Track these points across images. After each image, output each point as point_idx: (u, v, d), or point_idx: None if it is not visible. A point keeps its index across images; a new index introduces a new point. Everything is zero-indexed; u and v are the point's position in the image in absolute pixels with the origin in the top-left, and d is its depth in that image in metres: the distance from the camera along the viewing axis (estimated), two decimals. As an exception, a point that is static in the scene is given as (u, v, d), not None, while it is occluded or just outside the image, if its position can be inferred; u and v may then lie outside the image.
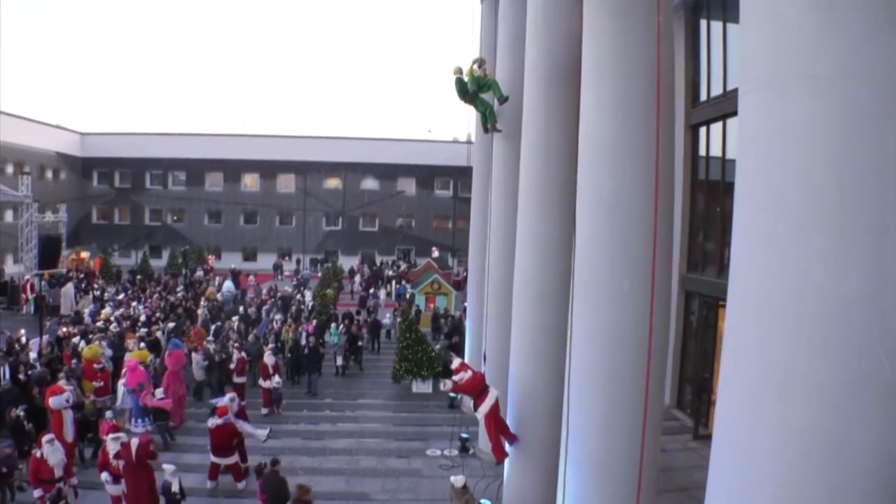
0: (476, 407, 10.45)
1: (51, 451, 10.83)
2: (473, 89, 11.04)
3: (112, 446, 11.05)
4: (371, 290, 33.16)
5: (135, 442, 10.85)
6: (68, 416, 12.22)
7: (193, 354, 17.78)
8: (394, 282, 36.34)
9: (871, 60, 3.16)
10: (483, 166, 15.55)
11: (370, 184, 49.89)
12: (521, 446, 10.38)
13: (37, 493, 10.75)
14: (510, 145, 11.50)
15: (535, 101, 9.33)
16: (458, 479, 9.54)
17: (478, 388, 10.39)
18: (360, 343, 19.69)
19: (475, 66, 11.10)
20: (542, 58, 9.20)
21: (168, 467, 10.68)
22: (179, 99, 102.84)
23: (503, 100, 11.18)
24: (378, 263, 45.23)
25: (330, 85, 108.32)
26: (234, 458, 12.50)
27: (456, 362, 11.53)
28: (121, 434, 11.40)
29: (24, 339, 19.05)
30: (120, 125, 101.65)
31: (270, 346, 19.45)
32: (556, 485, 7.58)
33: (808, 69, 3.33)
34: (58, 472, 10.87)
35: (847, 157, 3.21)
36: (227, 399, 12.97)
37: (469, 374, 10.61)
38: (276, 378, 16.65)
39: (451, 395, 17.46)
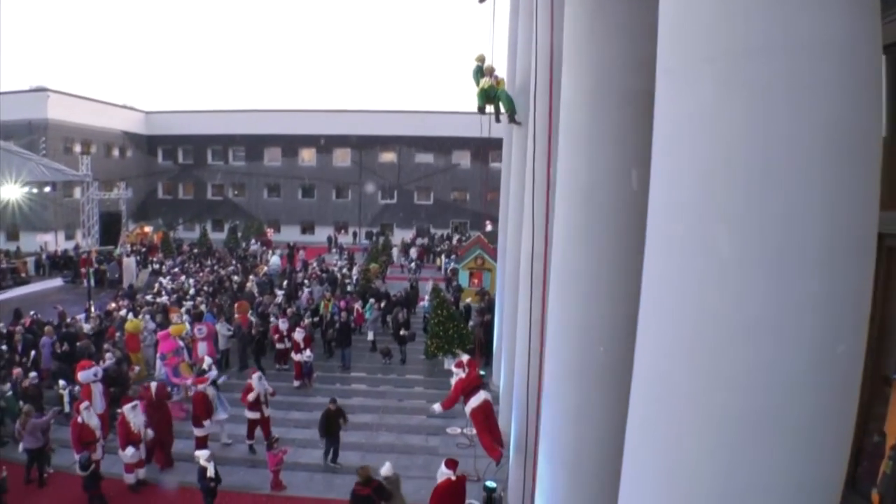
0: (465, 403, 10.48)
1: (88, 417, 11.63)
2: (481, 104, 11.02)
3: (131, 415, 11.69)
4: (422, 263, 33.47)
5: (153, 385, 12.87)
6: (97, 388, 12.77)
7: (218, 325, 18.28)
8: (443, 256, 36.40)
9: (771, 40, 2.83)
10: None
11: (425, 157, 49.96)
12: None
13: (79, 456, 11.41)
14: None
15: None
16: (385, 468, 9.88)
17: (467, 389, 10.38)
18: (402, 332, 19.30)
19: (486, 79, 10.91)
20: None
21: (201, 453, 11.12)
22: (238, 76, 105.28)
23: (512, 114, 10.94)
24: (431, 237, 45.43)
25: (386, 58, 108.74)
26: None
27: (458, 360, 11.50)
28: (136, 402, 12.15)
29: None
30: (182, 103, 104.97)
31: (307, 320, 19.93)
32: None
33: (709, 51, 3.07)
34: (97, 433, 11.77)
35: (754, 157, 2.83)
36: (255, 378, 13.31)
37: (463, 374, 10.63)
38: (307, 352, 17.03)
39: (481, 372, 17.49)
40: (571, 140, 6.62)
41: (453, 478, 9.42)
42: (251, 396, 13.00)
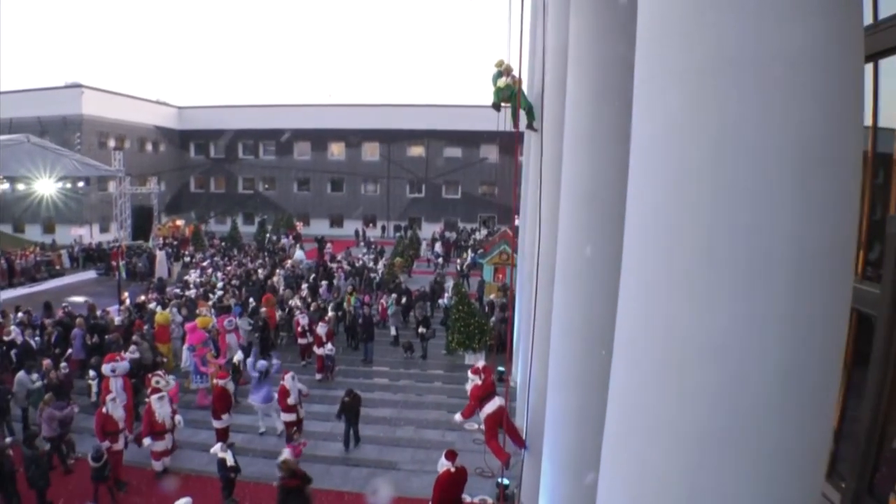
0: (480, 409, 10.51)
1: (113, 408, 11.89)
2: (496, 101, 10.73)
3: (157, 405, 11.98)
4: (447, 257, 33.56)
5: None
6: (116, 383, 13.06)
7: (238, 319, 18.57)
8: (469, 250, 36.41)
9: (742, 52, 2.80)
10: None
11: (453, 151, 50.00)
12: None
13: (105, 444, 11.67)
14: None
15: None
16: (284, 452, 9.95)
17: (482, 395, 10.43)
18: (421, 330, 19.28)
19: (504, 78, 10.62)
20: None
21: (215, 447, 11.40)
22: (269, 71, 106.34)
23: (526, 111, 10.73)
24: (458, 230, 45.52)
25: (414, 52, 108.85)
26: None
27: (474, 366, 11.56)
28: (163, 393, 12.42)
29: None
30: (214, 98, 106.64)
31: (330, 313, 20.17)
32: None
33: (680, 62, 3.07)
34: (121, 425, 12.03)
35: (722, 171, 2.78)
36: (288, 378, 13.44)
37: (479, 380, 10.68)
38: (329, 346, 17.24)
39: (500, 368, 17.53)
40: (576, 141, 6.63)
41: (453, 469, 9.61)
42: (288, 397, 13.03)
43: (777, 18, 2.70)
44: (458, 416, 10.85)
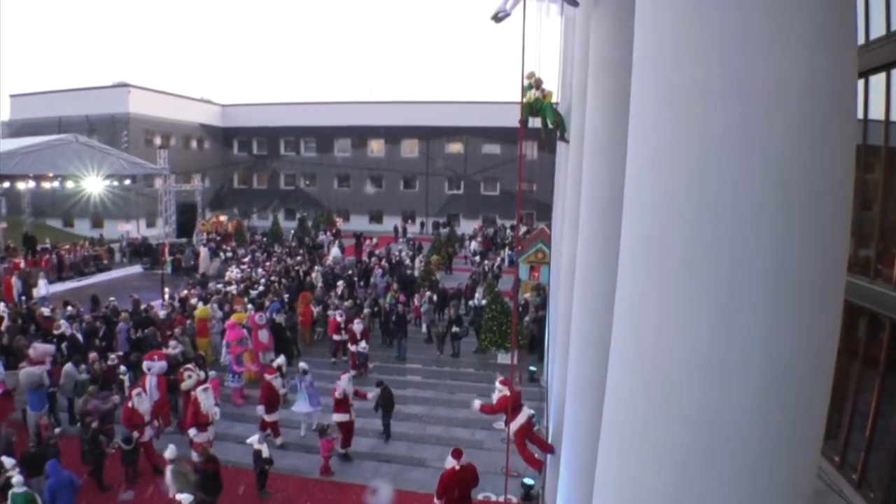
0: (507, 424, 10.65)
1: (139, 402, 12.42)
2: (525, 117, 10.44)
3: (203, 397, 12.42)
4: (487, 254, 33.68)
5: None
6: (151, 381, 13.53)
7: (275, 315, 18.97)
8: (507, 248, 36.44)
9: (726, 82, 2.92)
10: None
11: (492, 148, 49.98)
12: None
13: (134, 434, 12.29)
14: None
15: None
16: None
17: (510, 407, 10.57)
18: (455, 329, 19.28)
19: (533, 91, 10.51)
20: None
21: (252, 438, 11.80)
22: (310, 69, 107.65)
23: (553, 126, 10.63)
24: (497, 227, 45.59)
25: (453, 49, 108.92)
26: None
27: (503, 378, 11.71)
28: (207, 385, 12.92)
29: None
30: (257, 96, 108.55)
31: (366, 310, 20.50)
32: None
33: (667, 92, 3.17)
34: (147, 418, 12.55)
35: (706, 198, 2.84)
36: (344, 379, 13.63)
37: (506, 391, 10.83)
38: (363, 343, 17.55)
39: (532, 368, 17.66)
40: (595, 150, 6.73)
41: (457, 467, 9.86)
42: (339, 394, 13.12)
43: (764, 45, 2.73)
44: (477, 402, 10.99)
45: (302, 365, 14.42)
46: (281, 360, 15.39)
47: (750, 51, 2.73)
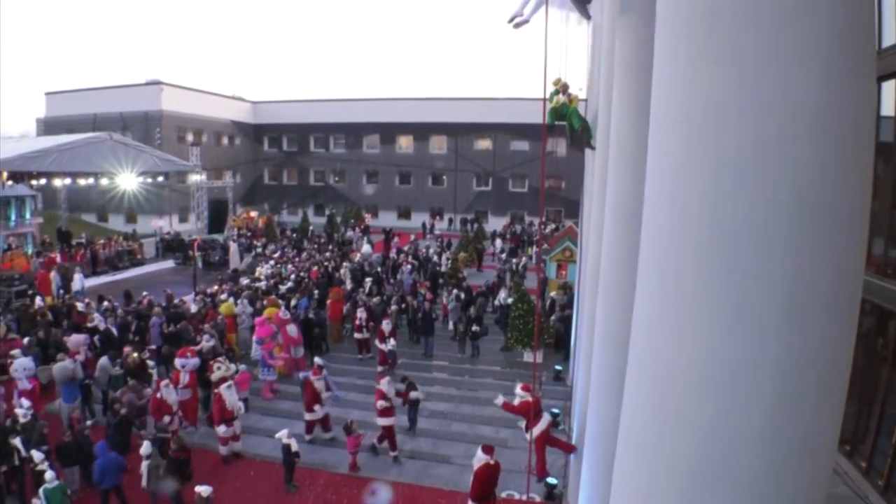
0: (527, 429, 10.74)
1: (167, 393, 12.82)
2: (550, 123, 10.45)
3: (226, 394, 12.69)
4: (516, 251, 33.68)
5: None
6: (183, 378, 13.87)
7: (302, 312, 19.18)
8: (534, 246, 36.33)
9: (741, 104, 2.97)
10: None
11: (520, 144, 49.92)
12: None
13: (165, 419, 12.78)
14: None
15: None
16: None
17: (532, 411, 10.67)
18: (475, 328, 19.18)
19: (560, 96, 10.37)
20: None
21: (282, 433, 12.04)
22: (339, 65, 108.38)
23: (577, 132, 10.42)
24: (524, 225, 45.54)
25: (481, 45, 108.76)
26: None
27: (500, 399, 11.80)
28: (230, 382, 13.19)
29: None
30: (287, 93, 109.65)
31: (393, 307, 20.68)
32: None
33: (683, 111, 3.23)
34: (174, 408, 12.97)
35: (720, 217, 2.92)
36: (384, 383, 13.43)
37: (528, 397, 10.93)
38: (392, 341, 17.69)
39: (557, 367, 17.69)
40: (619, 157, 6.77)
41: (492, 462, 9.95)
42: (381, 404, 12.98)
43: (780, 66, 2.79)
44: (500, 398, 11.08)
45: (318, 361, 14.63)
46: (318, 360, 15.63)
47: (766, 71, 2.78)
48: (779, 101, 2.79)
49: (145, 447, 11.21)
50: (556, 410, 14.06)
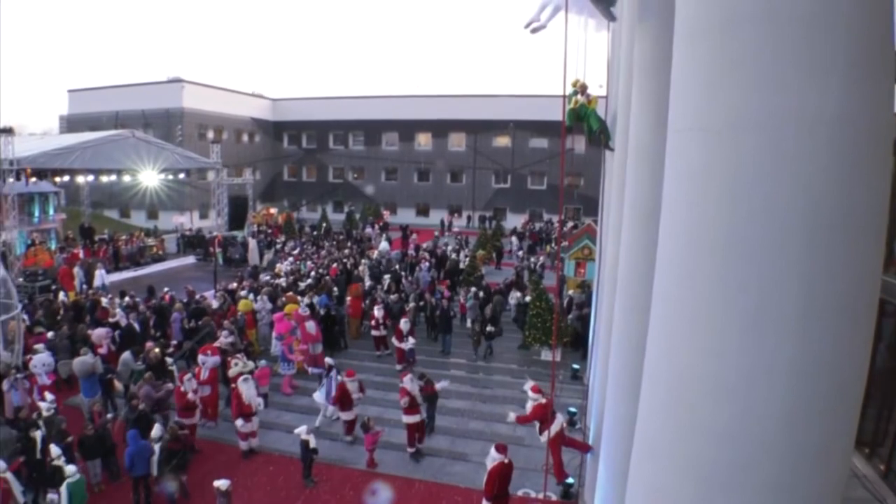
0: (541, 432, 10.77)
1: (189, 386, 13.17)
2: (570, 124, 10.43)
3: (244, 388, 12.83)
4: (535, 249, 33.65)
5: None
6: (203, 373, 14.06)
7: (321, 309, 19.28)
8: (552, 244, 36.23)
9: (758, 114, 2.98)
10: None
11: (539, 142, 49.79)
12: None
13: (186, 420, 13.01)
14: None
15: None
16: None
17: (545, 415, 10.70)
18: (489, 329, 18.99)
19: (579, 96, 10.26)
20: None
21: (301, 428, 12.14)
22: (358, 62, 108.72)
23: (595, 134, 10.35)
24: (543, 223, 45.44)
25: (499, 42, 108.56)
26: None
27: (529, 384, 11.82)
28: (248, 377, 13.30)
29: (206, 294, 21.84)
30: (306, 90, 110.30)
31: (411, 304, 20.75)
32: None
33: (703, 119, 3.26)
34: (196, 402, 13.30)
35: (735, 224, 2.97)
36: (407, 380, 13.42)
37: (540, 398, 10.95)
38: (411, 340, 17.72)
39: (575, 366, 17.67)
40: (638, 159, 6.78)
41: (506, 461, 10.00)
42: (405, 401, 12.99)
43: (797, 77, 2.83)
44: (512, 415, 11.17)
45: (328, 360, 14.76)
46: (329, 360, 15.75)
47: (784, 81, 2.82)
48: (796, 110, 2.84)
49: (156, 430, 11.48)
50: (573, 409, 14.10)
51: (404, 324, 17.82)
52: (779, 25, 2.81)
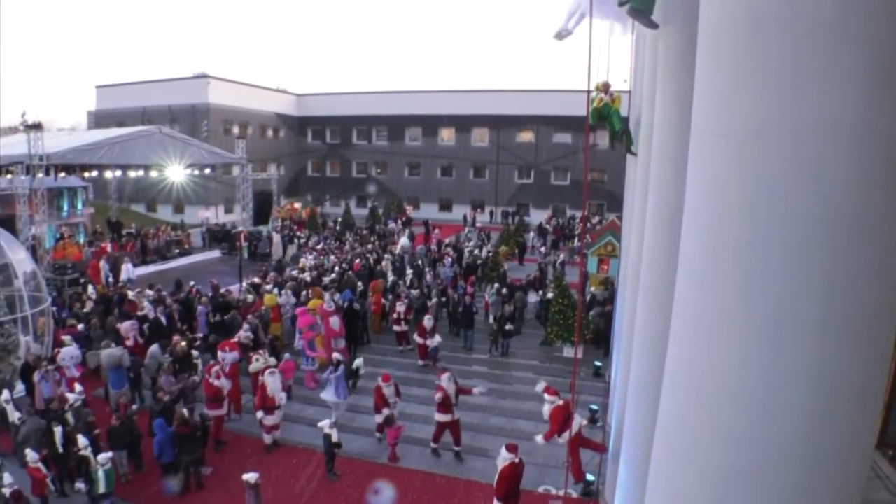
0: (559, 434, 10.79)
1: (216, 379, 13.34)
2: (593, 123, 10.25)
3: (269, 381, 12.98)
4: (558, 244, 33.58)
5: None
6: (224, 368, 14.25)
7: (345, 304, 19.42)
8: (575, 240, 36.10)
9: (781, 120, 2.97)
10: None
11: (562, 137, 49.57)
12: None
13: (214, 413, 13.27)
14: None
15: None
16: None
17: (564, 417, 10.72)
18: (508, 327, 18.97)
19: (602, 95, 10.03)
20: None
21: (325, 422, 12.28)
22: (382, 57, 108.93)
23: (621, 133, 10.23)
24: (566, 218, 45.32)
25: (523, 36, 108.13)
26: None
27: (541, 385, 11.86)
28: (275, 370, 13.51)
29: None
30: (330, 85, 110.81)
31: (434, 300, 20.83)
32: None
33: (725, 125, 3.28)
34: (224, 393, 13.50)
35: (756, 230, 3.00)
36: (444, 378, 13.41)
37: (557, 401, 10.97)
38: (437, 338, 17.74)
39: (597, 363, 17.63)
40: (661, 161, 6.77)
41: (517, 460, 10.06)
42: (438, 397, 12.97)
43: (819, 84, 2.84)
44: (539, 438, 11.22)
45: (336, 356, 14.93)
46: (359, 361, 15.91)
47: (805, 89, 2.84)
48: (818, 118, 2.86)
49: (185, 411, 11.90)
50: (594, 406, 14.10)
51: (428, 320, 17.88)
52: (801, 32, 2.82)
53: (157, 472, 11.84)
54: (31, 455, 10.62)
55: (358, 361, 16.12)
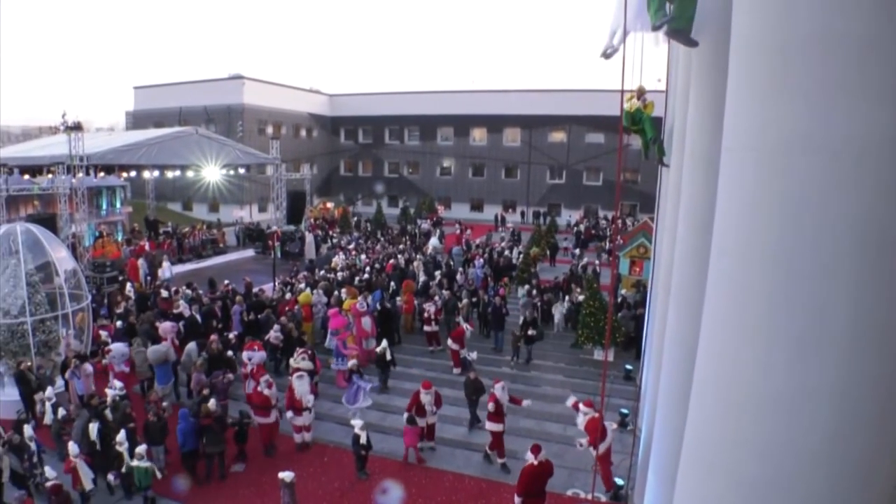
0: (594, 446, 10.78)
1: (267, 388, 13.30)
2: (627, 126, 10.10)
3: (297, 384, 13.13)
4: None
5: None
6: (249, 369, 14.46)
7: (378, 304, 19.57)
8: (607, 241, 35.84)
9: (811, 135, 3.01)
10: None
11: (595, 137, 49.23)
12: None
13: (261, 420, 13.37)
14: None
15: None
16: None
17: (599, 428, 10.71)
18: (530, 332, 18.42)
19: (635, 100, 9.92)
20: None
21: (356, 422, 12.42)
22: (414, 57, 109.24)
23: (652, 142, 10.14)
24: (596, 219, 45.02)
25: (556, 36, 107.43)
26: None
27: (571, 400, 12.11)
28: (303, 374, 13.53)
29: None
30: (363, 86, 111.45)
31: (464, 301, 20.87)
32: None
33: (752, 140, 3.29)
34: (273, 401, 13.45)
35: (784, 244, 3.04)
36: (498, 387, 13.39)
37: (592, 412, 10.97)
38: (474, 354, 17.42)
39: (627, 367, 17.51)
40: (694, 162, 6.75)
41: (535, 462, 10.16)
42: (492, 406, 12.85)
43: (849, 102, 2.86)
44: (582, 442, 11.31)
45: (352, 362, 15.07)
46: (385, 344, 15.99)
47: (835, 107, 2.86)
48: (849, 132, 2.89)
49: (211, 404, 12.17)
50: (625, 410, 14.03)
51: (467, 329, 17.84)
52: (833, 48, 2.83)
53: (190, 467, 12.10)
54: (73, 448, 10.91)
55: (383, 344, 16.24)
